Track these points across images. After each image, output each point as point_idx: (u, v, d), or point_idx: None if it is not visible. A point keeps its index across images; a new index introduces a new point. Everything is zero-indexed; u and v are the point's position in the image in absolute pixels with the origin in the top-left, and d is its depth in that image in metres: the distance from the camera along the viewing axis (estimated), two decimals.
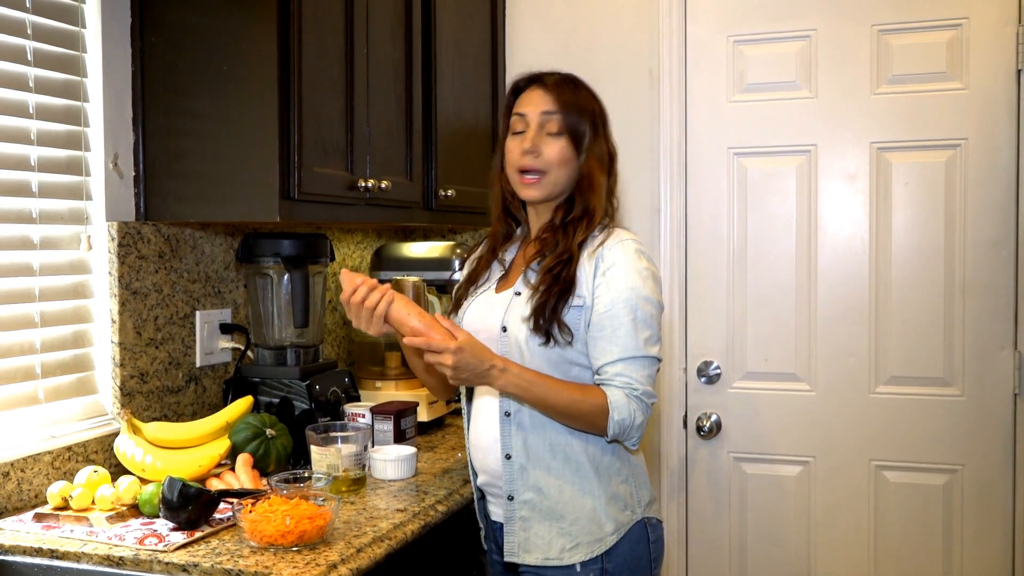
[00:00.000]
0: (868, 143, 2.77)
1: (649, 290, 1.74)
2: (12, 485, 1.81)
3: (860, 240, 2.78)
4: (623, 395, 1.69)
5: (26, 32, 1.89)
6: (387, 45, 2.37)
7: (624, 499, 1.79)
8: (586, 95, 1.86)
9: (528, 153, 1.80)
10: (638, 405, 1.69)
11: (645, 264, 1.77)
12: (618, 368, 1.70)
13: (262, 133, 1.98)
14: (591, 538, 1.75)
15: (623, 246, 1.76)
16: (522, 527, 1.78)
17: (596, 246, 1.77)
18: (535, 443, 1.77)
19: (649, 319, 1.73)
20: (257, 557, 1.56)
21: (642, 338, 1.71)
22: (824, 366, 2.83)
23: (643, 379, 1.71)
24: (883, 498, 2.79)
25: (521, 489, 1.78)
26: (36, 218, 1.93)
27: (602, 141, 1.85)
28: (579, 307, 1.74)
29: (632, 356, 1.71)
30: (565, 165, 1.81)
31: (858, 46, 2.76)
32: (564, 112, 1.80)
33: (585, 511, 1.76)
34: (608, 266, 1.74)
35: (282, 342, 2.33)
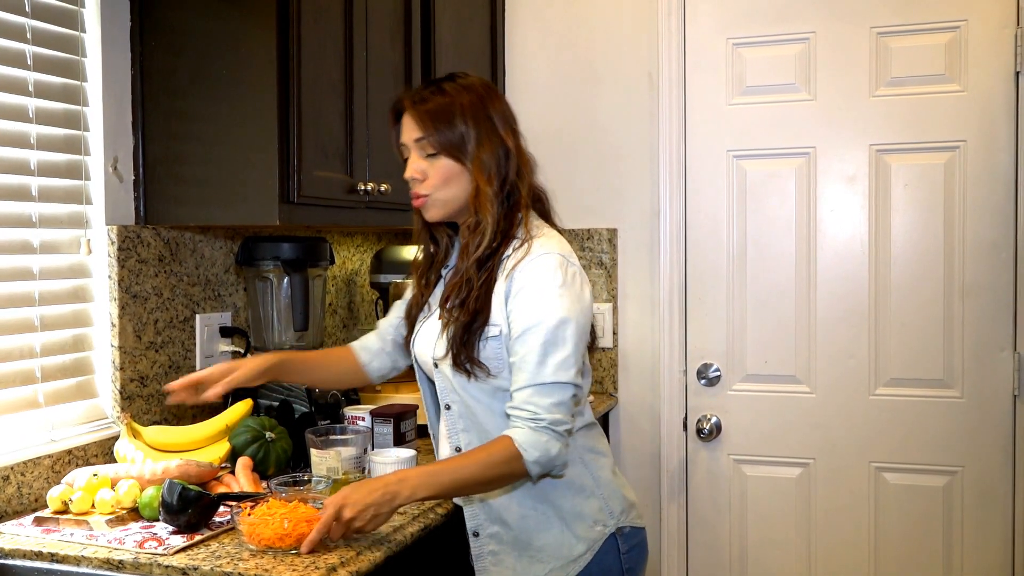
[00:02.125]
0: (867, 145, 2.77)
1: (564, 310, 1.62)
2: (12, 489, 1.81)
3: (859, 242, 2.79)
4: (529, 431, 1.59)
5: (26, 36, 1.89)
6: (386, 48, 2.37)
7: (591, 516, 1.74)
8: (461, 100, 1.71)
9: (413, 180, 1.73)
10: (549, 436, 1.59)
11: (561, 279, 1.64)
12: (524, 395, 1.61)
13: (262, 136, 1.98)
14: (563, 561, 1.72)
15: (535, 264, 1.65)
16: (493, 562, 1.76)
17: (509, 268, 1.67)
18: None
19: (561, 342, 1.61)
20: (257, 560, 1.56)
21: (552, 363, 1.60)
22: (824, 368, 2.83)
23: (549, 407, 1.59)
24: (883, 500, 2.79)
25: (485, 524, 1.76)
26: (36, 222, 1.93)
27: (489, 143, 1.70)
28: (497, 336, 1.66)
29: (540, 383, 1.60)
30: (453, 182, 1.71)
31: (857, 48, 2.77)
32: (433, 132, 1.69)
33: (552, 535, 1.72)
34: (518, 289, 1.65)
35: (282, 345, 2.33)
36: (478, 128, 1.70)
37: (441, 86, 1.74)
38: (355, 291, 2.99)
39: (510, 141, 1.73)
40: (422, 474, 1.59)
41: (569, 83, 3.05)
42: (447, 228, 1.84)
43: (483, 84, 1.77)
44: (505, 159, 1.72)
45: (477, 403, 1.72)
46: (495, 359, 1.67)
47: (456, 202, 1.73)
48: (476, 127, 1.70)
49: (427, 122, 1.70)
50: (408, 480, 1.57)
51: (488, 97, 1.74)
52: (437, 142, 1.69)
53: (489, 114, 1.72)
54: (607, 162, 3.01)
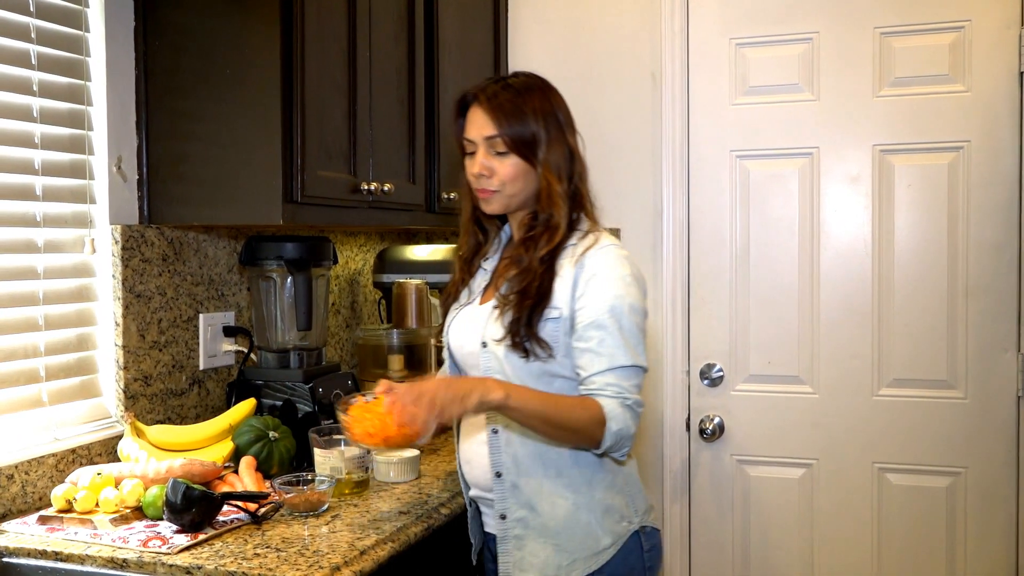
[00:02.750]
0: (870, 145, 2.77)
1: (634, 298, 1.71)
2: (16, 488, 1.81)
3: (863, 242, 2.78)
4: (618, 404, 1.64)
5: (30, 36, 1.90)
6: (390, 47, 2.38)
7: (620, 510, 1.76)
8: (533, 99, 1.77)
9: (480, 176, 1.78)
10: (631, 415, 1.65)
11: (629, 271, 1.73)
12: (608, 378, 1.66)
13: (265, 136, 1.98)
14: (588, 553, 1.73)
15: (605, 253, 1.73)
16: (516, 546, 1.75)
17: (578, 254, 1.73)
18: (525, 458, 1.75)
19: (635, 328, 1.70)
20: (261, 560, 1.57)
21: (631, 347, 1.68)
22: (827, 368, 2.82)
23: (632, 388, 1.67)
24: (886, 500, 2.78)
25: (514, 507, 1.75)
26: (40, 221, 1.93)
27: (557, 145, 1.77)
28: (556, 319, 1.70)
29: (621, 366, 1.66)
30: (520, 179, 1.77)
31: (860, 49, 2.77)
32: (507, 132, 1.74)
33: (580, 526, 1.73)
34: (591, 275, 1.70)
35: (285, 345, 2.33)
36: (548, 129, 1.76)
37: (511, 84, 1.79)
38: (358, 291, 2.99)
39: (572, 142, 1.80)
40: (519, 390, 1.63)
41: (572, 83, 3.03)
42: (496, 219, 1.89)
43: (549, 85, 1.83)
44: (570, 159, 1.79)
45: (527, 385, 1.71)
46: (551, 340, 1.70)
47: (519, 198, 1.79)
48: (546, 128, 1.76)
49: (501, 121, 1.75)
50: (506, 386, 1.61)
51: (556, 98, 1.81)
52: (510, 141, 1.75)
53: (557, 115, 1.79)
54: (610, 162, 3.01)
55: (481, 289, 1.87)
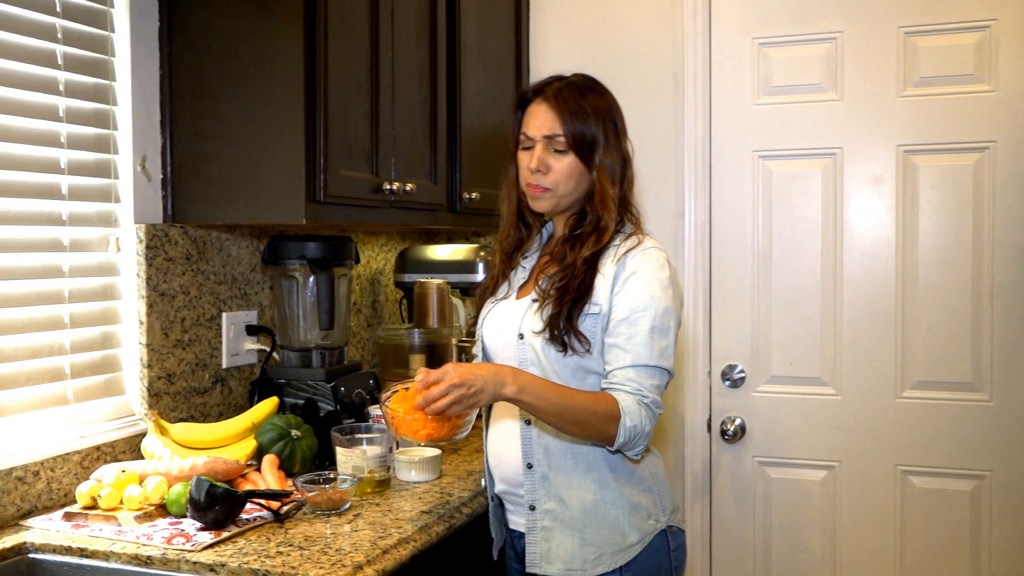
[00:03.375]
0: (895, 146, 2.75)
1: (669, 301, 1.71)
2: (42, 484, 1.83)
3: (886, 243, 2.76)
4: (634, 401, 1.64)
5: (56, 36, 1.91)
6: (412, 47, 2.38)
7: (647, 508, 1.76)
8: (595, 102, 1.78)
9: (536, 172, 1.78)
10: (648, 413, 1.64)
11: (668, 275, 1.74)
12: (629, 374, 1.66)
13: (288, 136, 1.99)
14: (614, 548, 1.73)
15: (647, 255, 1.74)
16: (544, 537, 1.75)
17: (620, 254, 1.74)
18: (557, 451, 1.75)
19: (666, 331, 1.70)
20: (284, 558, 1.57)
21: (657, 348, 1.68)
22: (850, 370, 2.81)
23: (652, 388, 1.67)
24: (909, 504, 2.76)
25: (543, 499, 1.75)
26: (66, 220, 1.95)
27: (614, 150, 1.79)
28: (595, 315, 1.71)
29: (644, 364, 1.67)
30: (574, 179, 1.78)
31: (884, 48, 2.75)
32: (570, 131, 1.75)
33: (608, 521, 1.73)
34: (630, 273, 1.71)
35: (307, 344, 2.34)
36: (607, 133, 1.78)
37: (575, 83, 1.81)
38: (379, 290, 2.99)
39: (626, 148, 1.83)
40: (534, 382, 1.64)
41: None
42: (540, 216, 1.91)
43: (609, 92, 1.84)
44: (623, 165, 1.81)
45: (559, 380, 1.71)
46: (588, 335, 1.71)
47: (569, 198, 1.80)
48: (605, 131, 1.78)
49: (567, 120, 1.75)
50: (522, 374, 1.63)
51: (615, 104, 1.83)
52: (571, 141, 1.76)
53: (615, 120, 1.81)
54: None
55: (519, 285, 1.87)
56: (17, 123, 1.83)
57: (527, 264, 1.91)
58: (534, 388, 1.62)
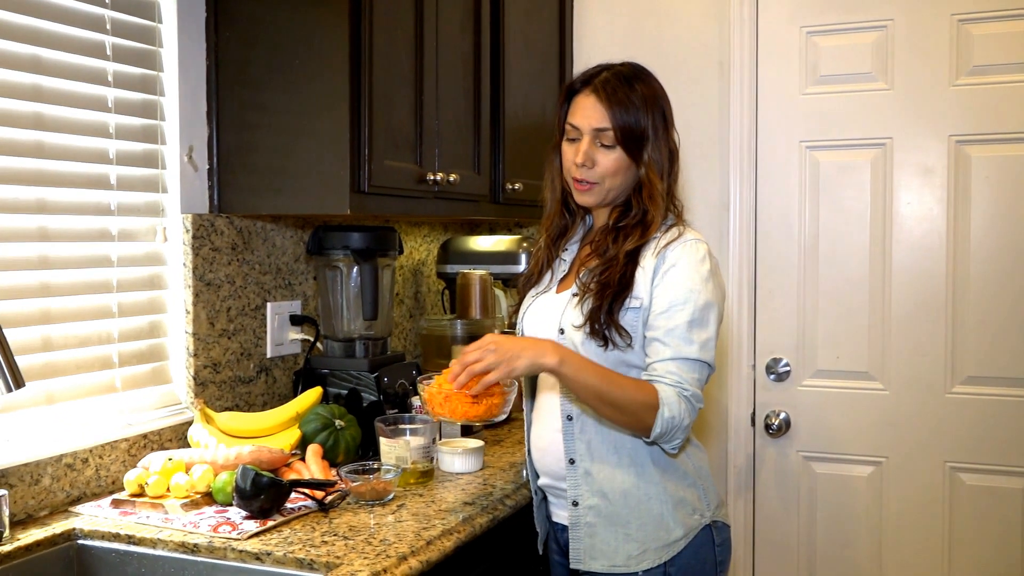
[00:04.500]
0: (946, 136, 2.69)
1: (709, 294, 1.68)
2: (91, 471, 1.85)
3: (937, 236, 2.71)
4: (674, 393, 1.61)
5: (105, 28, 1.93)
6: (456, 38, 2.37)
7: (692, 503, 1.75)
8: (644, 94, 1.74)
9: (582, 166, 1.75)
10: (687, 406, 1.62)
11: (709, 268, 1.71)
12: (669, 367, 1.64)
13: (333, 126, 1.99)
14: (659, 544, 1.71)
15: (688, 247, 1.71)
16: (588, 533, 1.74)
17: (660, 247, 1.71)
18: (599, 446, 1.73)
19: (706, 324, 1.67)
20: (328, 547, 1.57)
21: (698, 341, 1.65)
22: (898, 365, 2.76)
23: (693, 381, 1.64)
24: (958, 501, 2.71)
25: (586, 494, 1.74)
26: (115, 210, 1.96)
27: (662, 143, 1.76)
28: (636, 308, 1.69)
29: (684, 357, 1.64)
30: (620, 174, 1.75)
31: (937, 36, 2.69)
32: (618, 125, 1.72)
33: (652, 516, 1.71)
34: (670, 266, 1.69)
35: (351, 334, 2.34)
36: (655, 126, 1.75)
37: (624, 75, 1.77)
38: (421, 281, 2.99)
39: (674, 141, 1.80)
40: (576, 358, 1.63)
41: None
42: (572, 209, 1.89)
43: (657, 81, 1.81)
44: (671, 159, 1.78)
45: None
46: (630, 329, 1.69)
47: (615, 192, 1.78)
48: (654, 125, 1.75)
49: (616, 114, 1.72)
50: (564, 353, 1.62)
51: (663, 93, 1.80)
52: (620, 135, 1.73)
53: (664, 111, 1.78)
54: None
55: (559, 278, 1.86)
56: (68, 114, 1.85)
57: (567, 256, 1.89)
58: (575, 361, 1.62)
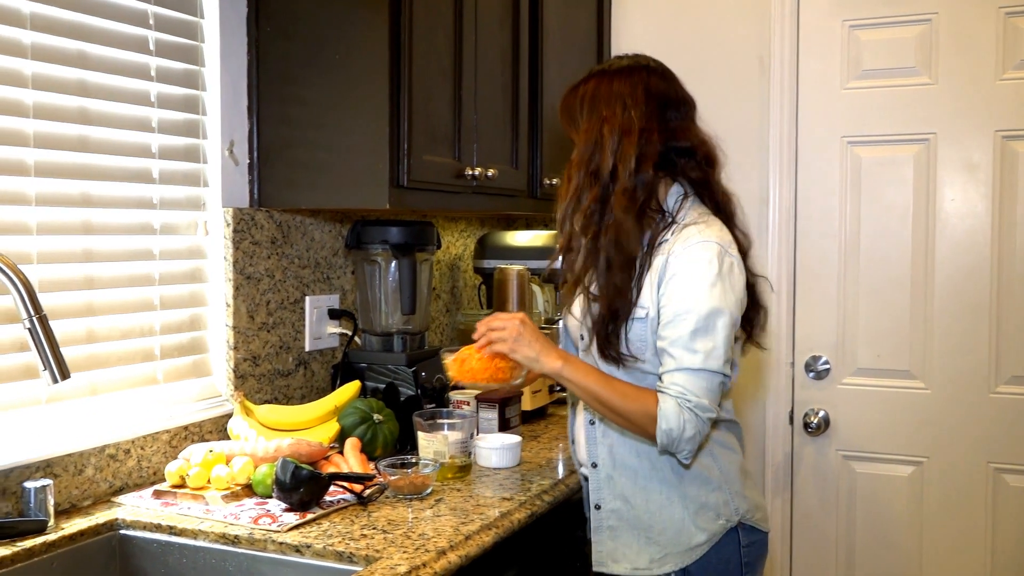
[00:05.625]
0: (992, 131, 2.65)
1: (716, 301, 1.61)
2: (132, 462, 1.87)
3: (981, 233, 2.67)
4: (675, 404, 1.59)
5: (148, 23, 1.94)
6: (495, 32, 2.36)
7: (716, 508, 1.72)
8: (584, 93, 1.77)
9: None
10: (690, 417, 1.58)
11: (716, 271, 1.62)
12: (675, 378, 1.61)
13: (373, 121, 1.99)
14: (680, 548, 1.70)
15: (692, 251, 1.64)
16: (610, 536, 1.75)
17: (667, 250, 1.66)
18: (621, 450, 1.74)
19: (711, 331, 1.61)
20: (368, 541, 1.58)
21: (702, 351, 1.60)
22: (940, 364, 2.72)
23: (699, 391, 1.60)
24: (1002, 502, 2.67)
25: (608, 498, 1.75)
26: (157, 204, 1.98)
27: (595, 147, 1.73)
28: (643, 319, 1.67)
29: (688, 368, 1.60)
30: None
31: (983, 30, 2.64)
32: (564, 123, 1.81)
33: (674, 522, 1.71)
34: (672, 275, 1.64)
35: (389, 328, 2.35)
36: (591, 112, 1.76)
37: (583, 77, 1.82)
38: (458, 276, 3.00)
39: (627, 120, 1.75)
40: (579, 365, 1.70)
41: (676, 67, 2.93)
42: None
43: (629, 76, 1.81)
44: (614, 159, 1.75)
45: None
46: (638, 340, 1.68)
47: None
48: (586, 131, 1.76)
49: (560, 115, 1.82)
50: (568, 359, 1.70)
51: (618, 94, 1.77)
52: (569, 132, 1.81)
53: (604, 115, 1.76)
54: None
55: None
56: (112, 109, 1.87)
57: None
58: (577, 367, 1.68)
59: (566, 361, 1.68)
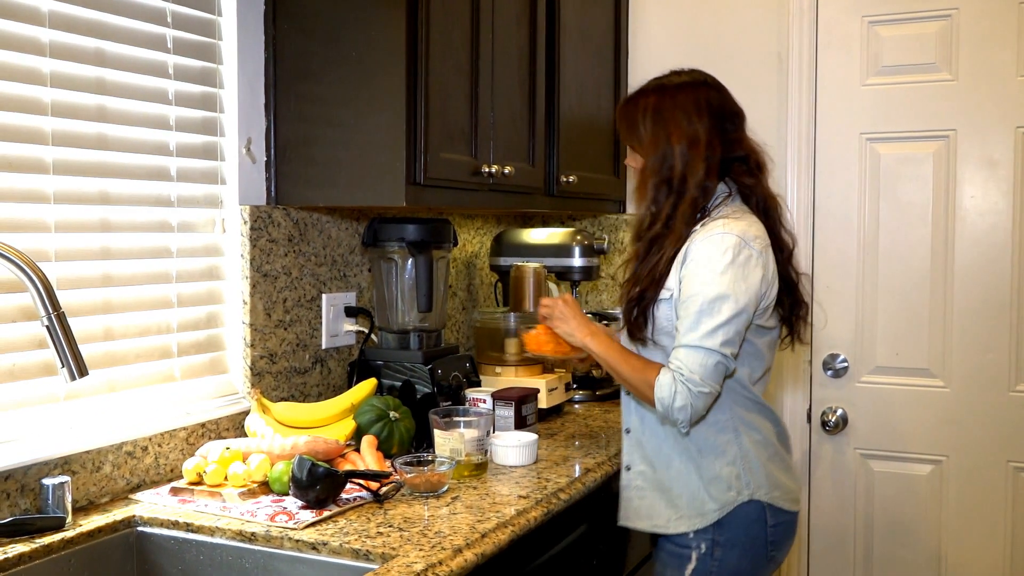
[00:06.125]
0: (1013, 128, 2.62)
1: (723, 287, 1.75)
2: (150, 459, 1.88)
3: (1002, 230, 2.64)
4: (671, 377, 1.76)
5: (166, 21, 1.95)
6: (512, 30, 2.36)
7: (727, 481, 1.85)
8: (646, 104, 1.90)
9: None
10: (682, 389, 1.74)
11: (730, 260, 1.77)
12: (677, 352, 1.78)
13: (390, 119, 1.99)
14: (693, 512, 1.87)
15: (710, 240, 1.79)
16: (637, 495, 1.95)
17: (691, 240, 1.83)
18: (651, 420, 1.92)
19: (715, 313, 1.75)
20: (384, 538, 1.58)
21: (702, 330, 1.75)
22: (960, 362, 2.70)
23: (694, 367, 1.74)
24: (1021, 501, 2.65)
25: (637, 461, 1.96)
26: (175, 202, 1.99)
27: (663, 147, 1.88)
28: (667, 300, 1.84)
29: (687, 344, 1.76)
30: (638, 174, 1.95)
31: (1003, 25, 2.62)
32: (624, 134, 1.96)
33: (690, 488, 1.87)
34: (690, 259, 1.81)
35: (405, 326, 2.35)
36: (655, 134, 1.90)
37: (642, 89, 1.96)
38: (475, 274, 2.99)
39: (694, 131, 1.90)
40: (604, 340, 1.92)
41: (694, 64, 2.94)
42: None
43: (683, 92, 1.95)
44: (683, 159, 1.89)
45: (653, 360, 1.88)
46: (664, 319, 1.85)
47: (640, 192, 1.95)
48: (653, 133, 1.90)
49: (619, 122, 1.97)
50: (596, 336, 1.93)
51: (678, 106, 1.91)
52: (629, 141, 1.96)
53: (667, 122, 1.90)
54: None
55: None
56: (130, 106, 1.87)
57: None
58: (601, 341, 1.91)
59: (594, 335, 1.92)
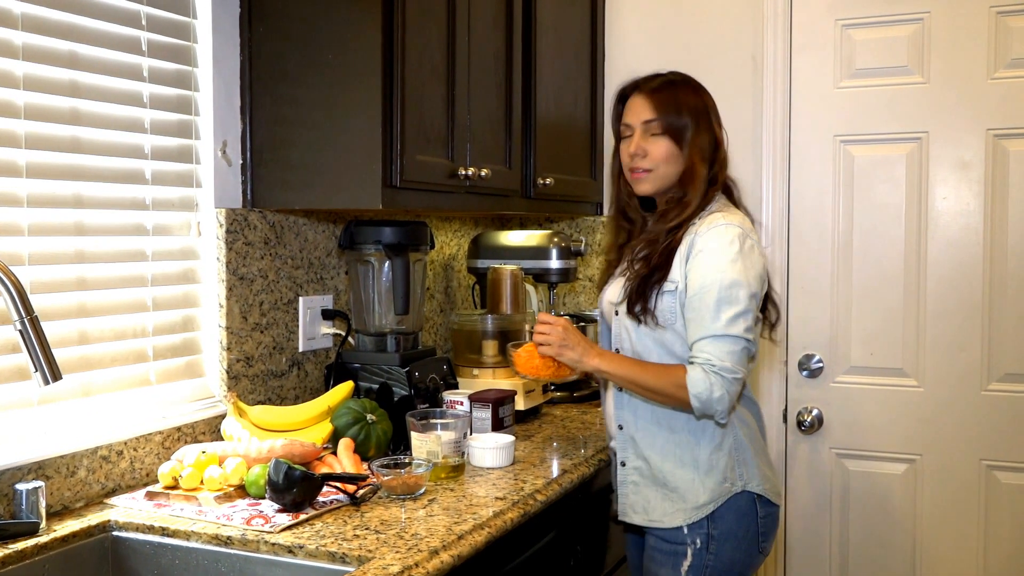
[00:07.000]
0: (984, 130, 2.65)
1: (737, 274, 1.82)
2: (125, 463, 1.87)
3: (974, 231, 2.67)
4: (701, 371, 1.80)
5: (141, 23, 1.94)
6: (488, 33, 2.36)
7: (723, 472, 1.90)
8: (685, 93, 1.97)
9: (635, 156, 1.96)
10: (717, 379, 1.79)
11: (738, 249, 1.84)
12: (701, 345, 1.82)
13: (366, 121, 1.99)
14: (689, 505, 1.91)
15: (716, 231, 1.86)
16: (633, 491, 1.98)
17: (694, 232, 1.89)
18: (644, 415, 1.96)
19: (734, 300, 1.81)
20: (360, 541, 1.58)
21: (724, 318, 1.81)
22: (933, 361, 2.73)
23: (723, 355, 1.80)
24: (995, 500, 2.68)
25: (631, 457, 1.98)
26: (150, 205, 1.98)
27: (704, 133, 1.95)
28: (672, 291, 1.88)
29: (712, 335, 1.81)
30: (671, 161, 1.95)
31: (975, 29, 2.65)
32: (663, 116, 1.94)
33: (685, 481, 1.91)
34: (699, 250, 1.86)
35: (382, 328, 2.35)
36: (697, 118, 1.95)
37: (670, 80, 2.00)
38: (452, 276, 3.00)
39: (719, 133, 1.99)
40: (614, 358, 1.94)
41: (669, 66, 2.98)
42: (641, 209, 2.07)
43: (703, 88, 2.03)
44: (715, 147, 1.98)
45: (647, 352, 1.94)
46: (668, 311, 1.89)
47: (668, 179, 1.97)
48: (695, 117, 1.95)
49: (660, 106, 1.95)
50: (604, 356, 1.94)
51: (707, 95, 2.01)
52: (665, 123, 1.94)
53: (707, 108, 1.99)
54: None
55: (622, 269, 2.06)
56: (104, 109, 1.87)
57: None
58: (612, 360, 1.93)
59: (603, 357, 1.93)
